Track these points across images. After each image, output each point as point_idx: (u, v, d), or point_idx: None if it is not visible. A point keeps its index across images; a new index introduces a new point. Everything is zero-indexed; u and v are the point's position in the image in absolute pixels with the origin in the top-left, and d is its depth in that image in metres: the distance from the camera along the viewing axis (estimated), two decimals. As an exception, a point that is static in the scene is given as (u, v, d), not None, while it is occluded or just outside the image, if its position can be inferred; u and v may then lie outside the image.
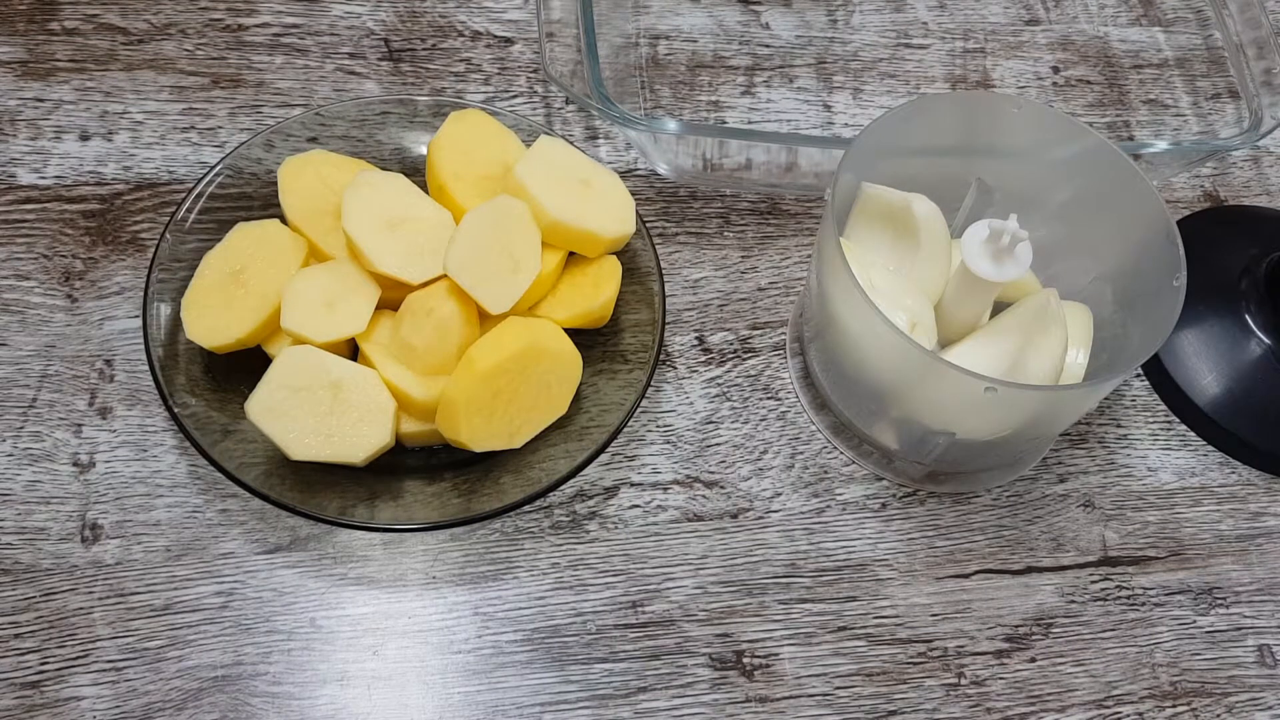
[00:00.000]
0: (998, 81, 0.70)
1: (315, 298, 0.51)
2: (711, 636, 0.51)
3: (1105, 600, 0.54)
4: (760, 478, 0.55)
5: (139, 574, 0.50)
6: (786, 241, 0.63)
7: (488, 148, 0.55)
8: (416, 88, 0.65)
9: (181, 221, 0.54)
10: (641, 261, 0.55)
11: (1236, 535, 0.57)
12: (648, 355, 0.53)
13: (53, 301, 0.56)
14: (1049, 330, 0.51)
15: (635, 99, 0.66)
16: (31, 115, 0.62)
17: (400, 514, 0.49)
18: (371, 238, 0.50)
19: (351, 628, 0.50)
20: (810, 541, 0.54)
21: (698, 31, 0.70)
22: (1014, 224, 0.48)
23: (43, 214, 0.59)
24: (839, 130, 0.67)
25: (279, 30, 0.66)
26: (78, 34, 0.65)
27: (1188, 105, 0.71)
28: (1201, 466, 0.58)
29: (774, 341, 0.59)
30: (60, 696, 0.47)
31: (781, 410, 0.57)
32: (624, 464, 0.55)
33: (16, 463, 0.52)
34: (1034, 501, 0.56)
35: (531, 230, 0.51)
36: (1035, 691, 0.52)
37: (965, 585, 0.54)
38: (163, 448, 0.53)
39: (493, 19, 0.69)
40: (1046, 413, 0.51)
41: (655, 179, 0.64)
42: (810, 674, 0.51)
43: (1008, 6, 0.74)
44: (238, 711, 0.48)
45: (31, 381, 0.54)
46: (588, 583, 0.52)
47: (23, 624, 0.49)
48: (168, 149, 0.61)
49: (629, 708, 0.49)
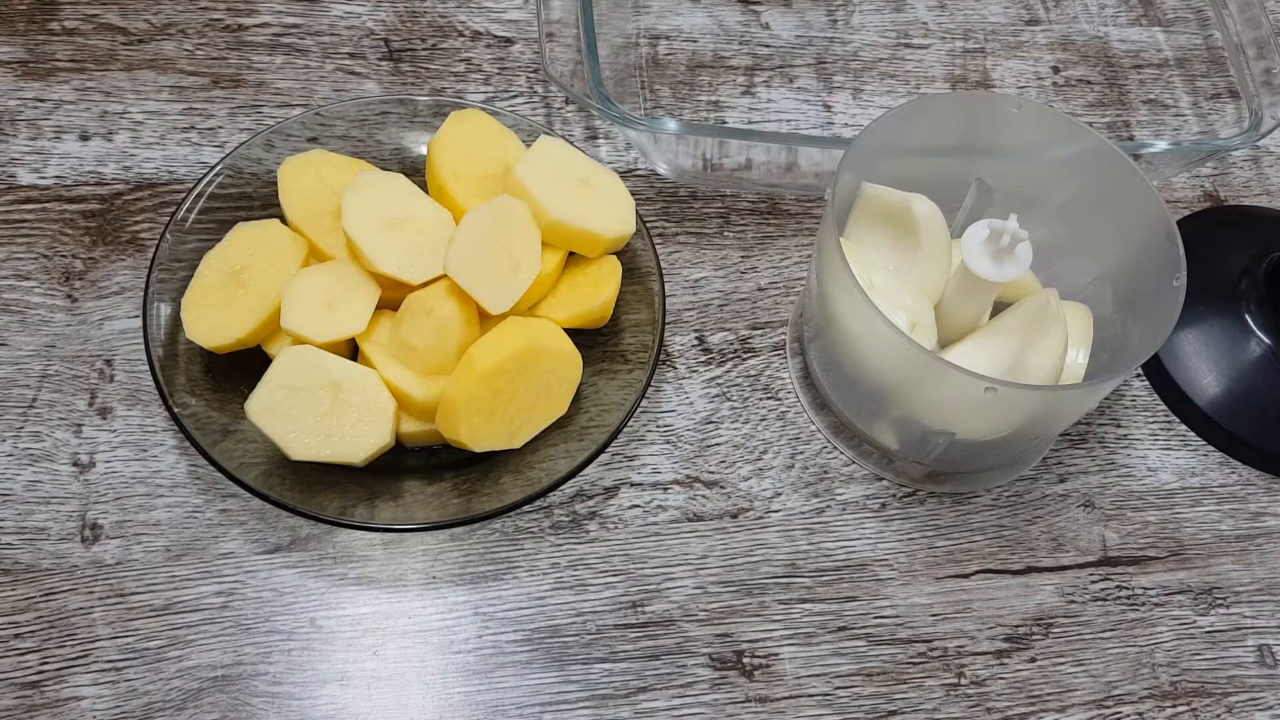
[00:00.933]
0: (998, 81, 0.70)
1: (315, 298, 0.51)
2: (711, 636, 0.51)
3: (1105, 600, 0.54)
4: (760, 478, 0.55)
5: (139, 574, 0.50)
6: (786, 241, 0.63)
7: (488, 148, 0.55)
8: (416, 88, 0.65)
9: (181, 221, 0.54)
10: (641, 261, 0.55)
11: (1236, 535, 0.57)
12: (648, 355, 0.53)
13: (53, 301, 0.56)
14: (1049, 330, 0.51)
15: (635, 99, 0.66)
16: (31, 115, 0.62)
17: (400, 514, 0.49)
18: (371, 238, 0.50)
19: (351, 628, 0.50)
20: (810, 541, 0.54)
21: (698, 31, 0.70)
22: (1014, 224, 0.48)
23: (43, 214, 0.59)
24: (839, 130, 0.67)
25: (279, 30, 0.66)
26: (78, 34, 0.65)
27: (1188, 105, 0.71)
28: (1201, 466, 0.58)
29: (774, 341, 0.59)
30: (60, 696, 0.47)
31: (781, 410, 0.57)
32: (624, 464, 0.55)
33: (16, 463, 0.52)
34: (1034, 501, 0.56)
35: (531, 230, 0.51)
36: (1035, 691, 0.52)
37: (965, 585, 0.54)
38: (163, 448, 0.53)
39: (493, 19, 0.69)
40: (1046, 413, 0.51)
41: (655, 179, 0.64)
42: (810, 674, 0.51)
43: (1008, 6, 0.74)
44: (238, 711, 0.48)
45: (31, 381, 0.54)
46: (588, 583, 0.52)
47: (23, 624, 0.49)
48: (168, 149, 0.61)
49: (629, 708, 0.49)
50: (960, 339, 0.54)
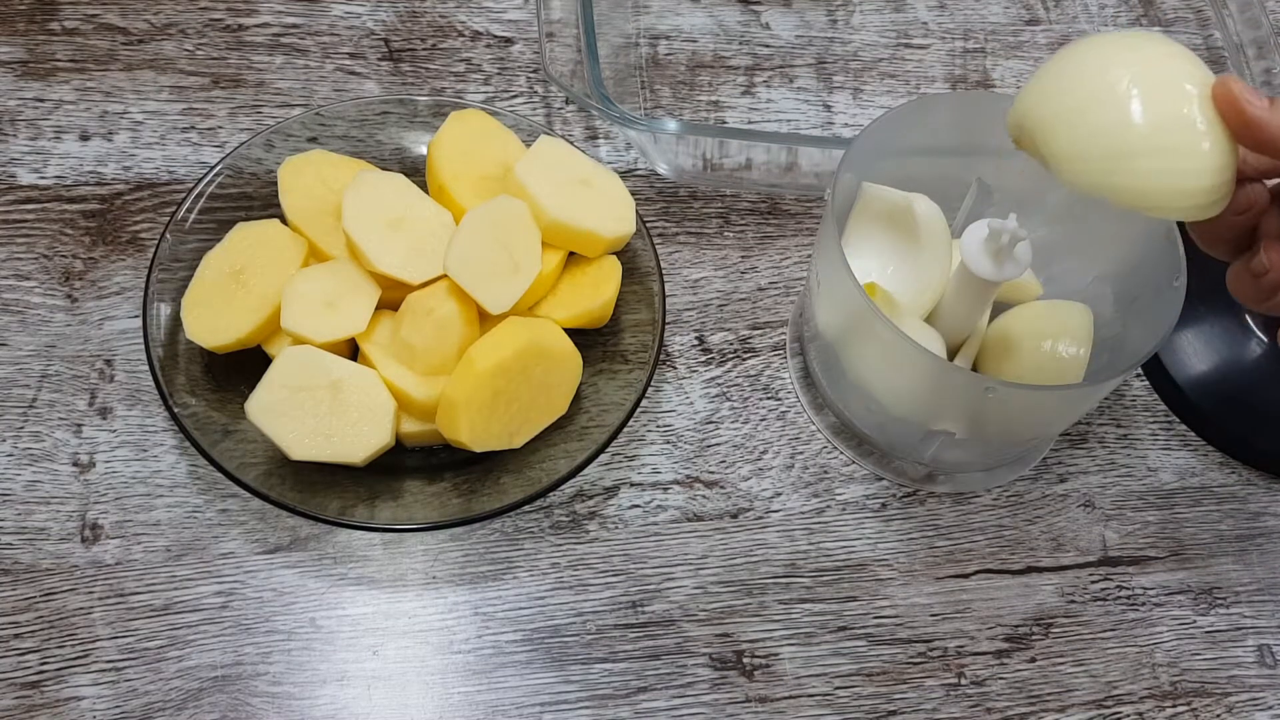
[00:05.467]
0: (998, 81, 0.70)
1: (315, 298, 0.51)
2: (711, 636, 0.51)
3: (1105, 600, 0.54)
4: (760, 478, 0.55)
5: (139, 574, 0.50)
6: (786, 241, 0.63)
7: (488, 148, 0.55)
8: (416, 88, 0.65)
9: (181, 221, 0.54)
10: (641, 261, 0.55)
11: (1236, 535, 0.57)
12: (648, 355, 0.53)
13: (53, 301, 0.56)
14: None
15: (635, 99, 0.66)
16: (31, 115, 0.62)
17: (400, 514, 0.49)
18: (371, 238, 0.50)
19: (351, 628, 0.50)
20: (810, 541, 0.54)
21: (698, 31, 0.70)
22: (1014, 224, 0.48)
23: (43, 214, 0.59)
24: (839, 130, 0.67)
25: (279, 30, 0.66)
26: (78, 34, 0.65)
27: (1188, 105, 0.71)
28: (1201, 466, 0.58)
29: (774, 341, 0.59)
30: (60, 696, 0.47)
31: (781, 410, 0.57)
32: (624, 464, 0.55)
33: (16, 463, 0.52)
34: (1034, 501, 0.56)
35: (531, 230, 0.51)
36: (1035, 691, 0.52)
37: (965, 585, 0.54)
38: (163, 448, 0.53)
39: (493, 19, 0.69)
40: (1046, 413, 0.51)
41: (655, 179, 0.64)
42: (810, 674, 0.51)
43: (1008, 6, 0.74)
44: (238, 711, 0.48)
45: (31, 381, 0.54)
46: (588, 583, 0.52)
47: (23, 624, 0.49)
48: (168, 149, 0.61)
49: (629, 708, 0.49)
50: (961, 339, 0.54)
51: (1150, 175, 0.38)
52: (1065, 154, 0.39)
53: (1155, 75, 0.38)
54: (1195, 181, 0.38)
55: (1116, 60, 0.38)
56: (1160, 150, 0.37)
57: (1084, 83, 0.39)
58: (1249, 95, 0.37)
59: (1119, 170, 0.38)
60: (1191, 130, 0.37)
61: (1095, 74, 0.39)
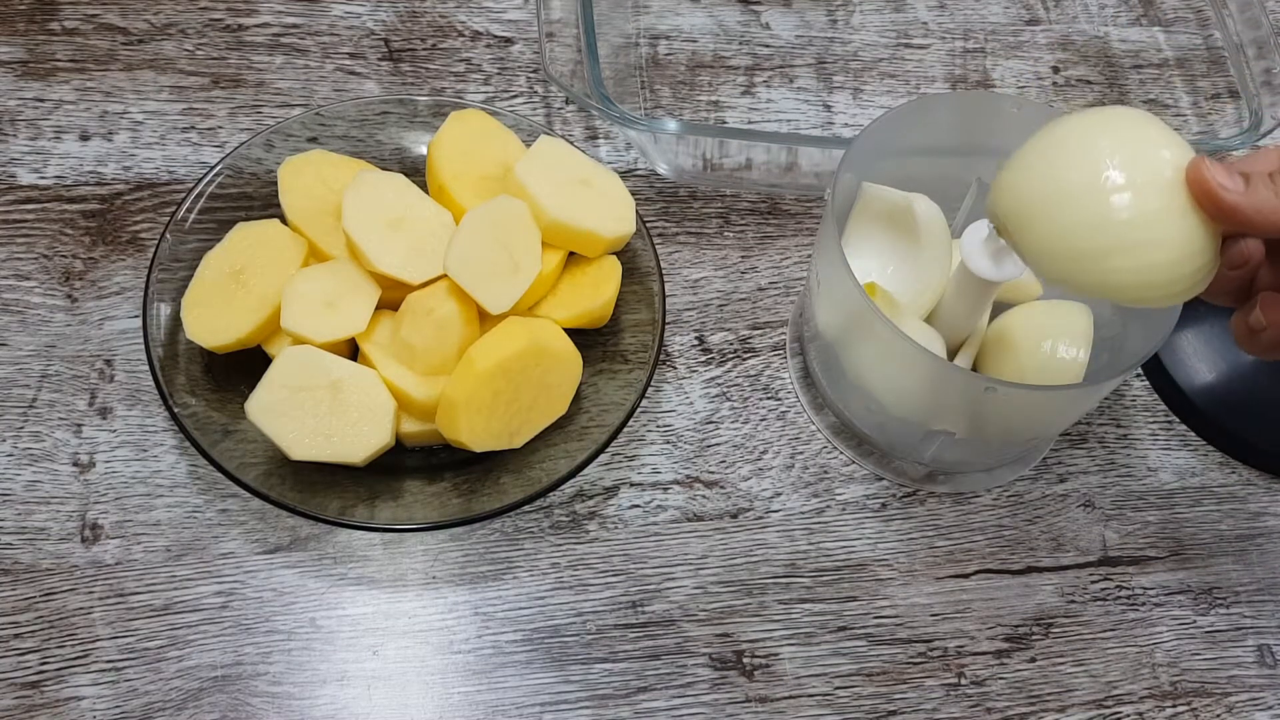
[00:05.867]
0: (998, 81, 0.70)
1: (315, 298, 0.51)
2: (711, 636, 0.51)
3: (1105, 600, 0.54)
4: (760, 478, 0.55)
5: (139, 574, 0.50)
6: (786, 241, 0.63)
7: (488, 148, 0.55)
8: (416, 88, 0.65)
9: (181, 221, 0.54)
10: (641, 261, 0.55)
11: (1236, 535, 0.57)
12: (648, 355, 0.53)
13: (53, 301, 0.56)
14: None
15: (635, 99, 0.66)
16: (31, 115, 0.62)
17: (400, 514, 0.49)
18: (371, 238, 0.50)
19: (351, 628, 0.50)
20: (810, 541, 0.54)
21: (698, 31, 0.70)
22: (1014, 224, 0.48)
23: (43, 214, 0.59)
24: (839, 130, 0.67)
25: (279, 30, 0.66)
26: (78, 34, 0.65)
27: (1188, 105, 0.71)
28: (1201, 466, 0.58)
29: (774, 341, 0.59)
30: (60, 696, 0.47)
31: (781, 410, 0.57)
32: (624, 464, 0.55)
33: (16, 463, 0.52)
34: (1034, 501, 0.56)
35: (531, 230, 0.51)
36: (1035, 691, 0.52)
37: (965, 585, 0.54)
38: (163, 448, 0.53)
39: (493, 19, 0.69)
40: (1046, 413, 0.51)
41: (655, 179, 0.64)
42: (810, 674, 0.51)
43: (1008, 6, 0.74)
44: (238, 711, 0.48)
45: (31, 381, 0.54)
46: (588, 583, 0.52)
47: (23, 624, 0.49)
48: (168, 149, 0.61)
49: (629, 708, 0.49)
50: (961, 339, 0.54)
51: (1124, 273, 0.37)
52: (1036, 250, 0.39)
53: (1126, 163, 0.37)
54: (1169, 273, 0.37)
55: (1085, 149, 0.37)
56: (1133, 247, 0.37)
57: (1053, 177, 0.38)
58: (1222, 179, 0.36)
59: (1091, 270, 0.38)
60: (1164, 224, 0.36)
61: (1064, 168, 0.38)
